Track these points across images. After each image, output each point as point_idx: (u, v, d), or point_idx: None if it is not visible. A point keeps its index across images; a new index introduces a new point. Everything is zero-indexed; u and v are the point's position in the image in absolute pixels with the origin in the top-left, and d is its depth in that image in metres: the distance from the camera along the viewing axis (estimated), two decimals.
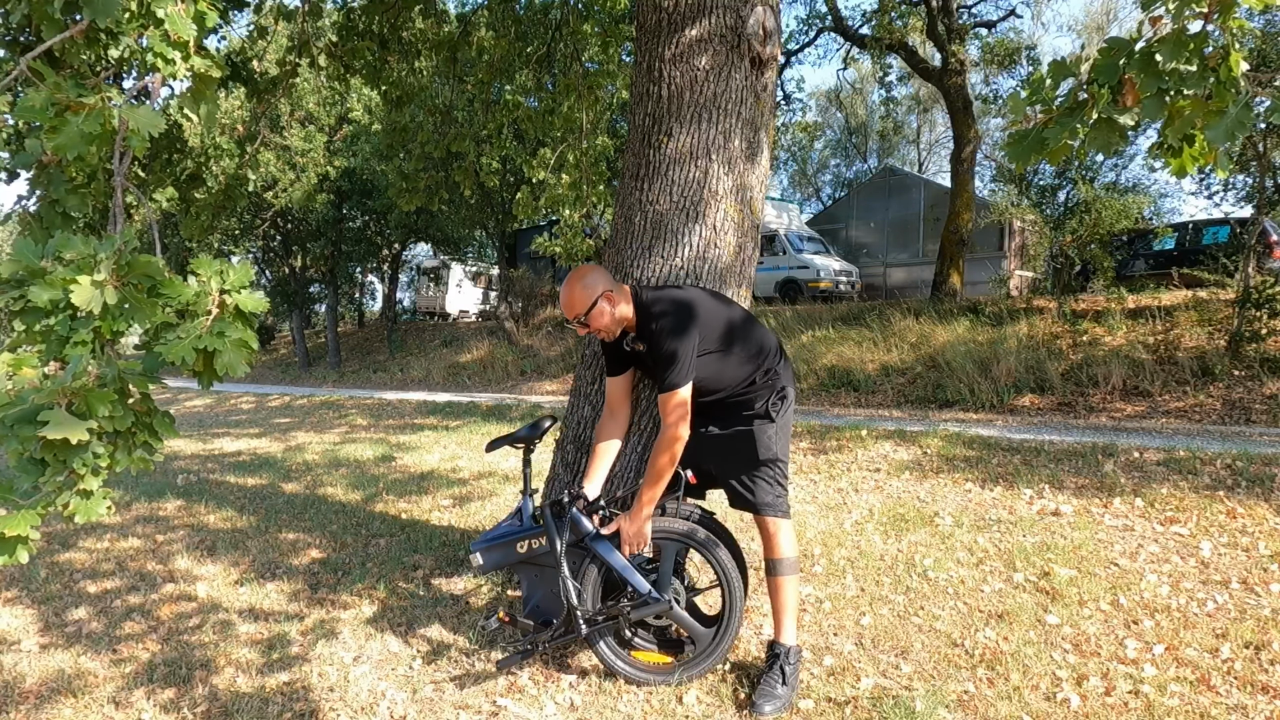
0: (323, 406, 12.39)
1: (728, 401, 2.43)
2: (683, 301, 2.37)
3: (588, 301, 2.32)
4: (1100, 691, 2.31)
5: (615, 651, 2.46)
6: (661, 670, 2.47)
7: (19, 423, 1.06)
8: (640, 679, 2.44)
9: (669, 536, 2.44)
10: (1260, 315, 7.69)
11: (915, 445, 5.74)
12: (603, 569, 2.45)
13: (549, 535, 2.42)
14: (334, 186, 18.44)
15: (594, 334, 2.41)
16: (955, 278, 12.13)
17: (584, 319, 2.34)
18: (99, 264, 1.12)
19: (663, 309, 2.33)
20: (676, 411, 2.25)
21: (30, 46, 2.61)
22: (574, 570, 2.43)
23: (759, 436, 2.38)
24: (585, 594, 2.43)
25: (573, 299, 2.34)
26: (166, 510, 5.03)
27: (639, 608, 2.38)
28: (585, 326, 2.37)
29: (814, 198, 33.10)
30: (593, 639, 2.43)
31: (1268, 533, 3.51)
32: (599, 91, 6.02)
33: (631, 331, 2.42)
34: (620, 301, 2.36)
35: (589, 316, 2.33)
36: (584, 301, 2.32)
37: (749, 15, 2.85)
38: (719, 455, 2.46)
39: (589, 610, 2.42)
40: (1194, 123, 1.49)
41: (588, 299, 2.32)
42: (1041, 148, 1.59)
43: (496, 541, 2.52)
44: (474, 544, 2.54)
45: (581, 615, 2.38)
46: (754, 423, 2.40)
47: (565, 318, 2.43)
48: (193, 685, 2.54)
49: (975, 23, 14.02)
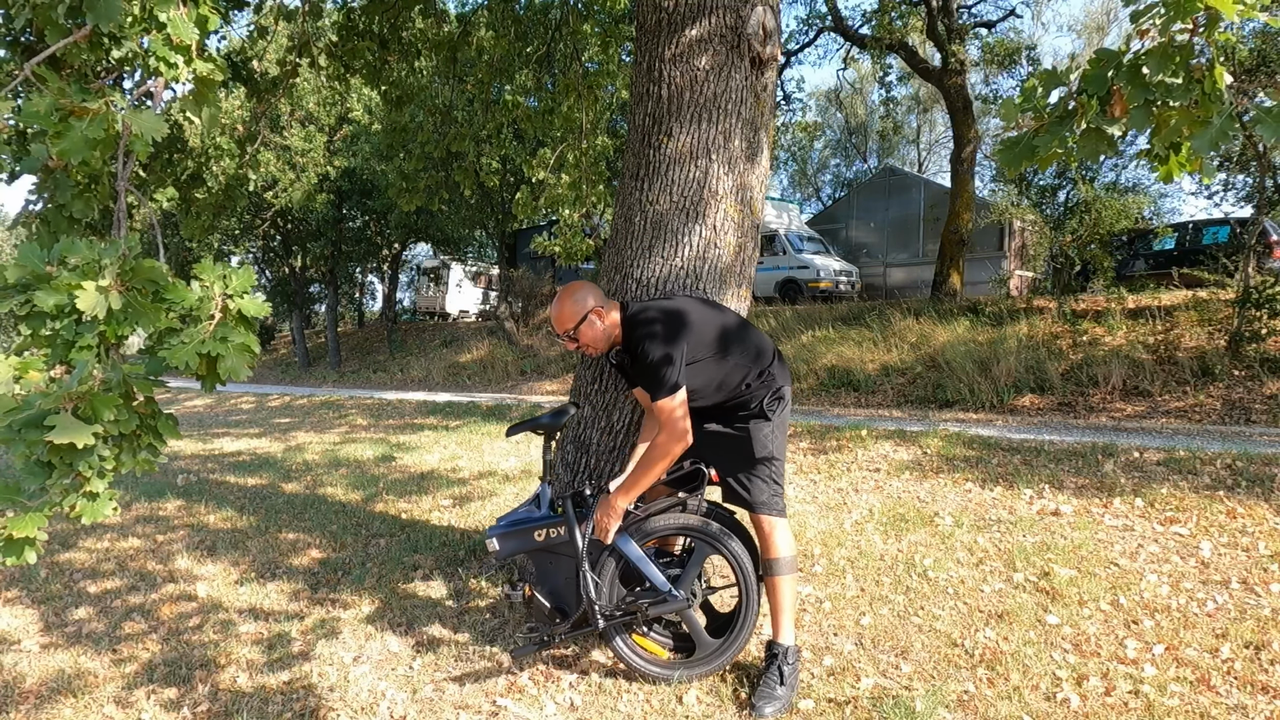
0: (323, 406, 12.39)
1: (725, 405, 2.43)
2: (668, 310, 2.38)
3: (577, 316, 2.37)
4: (1100, 691, 2.32)
5: (631, 647, 2.46)
6: (664, 664, 2.47)
7: (26, 427, 1.07)
8: (656, 675, 2.44)
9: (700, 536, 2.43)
10: (1260, 315, 7.69)
11: (915, 445, 5.75)
12: (620, 563, 2.45)
13: (569, 526, 2.41)
14: (334, 186, 18.44)
15: (582, 349, 2.45)
16: (955, 278, 12.14)
17: (573, 333, 2.39)
18: (103, 269, 1.13)
19: (647, 319, 2.35)
20: (672, 419, 2.25)
21: (31, 47, 2.62)
22: (593, 563, 2.42)
23: (755, 435, 2.39)
24: (603, 588, 2.43)
25: (562, 314, 2.39)
26: (167, 510, 5.03)
27: (657, 604, 2.38)
28: (574, 341, 2.42)
29: (814, 198, 33.12)
30: (609, 634, 2.43)
31: (1268, 533, 3.51)
32: (599, 91, 6.02)
33: (619, 345, 2.45)
34: (609, 317, 2.40)
35: (578, 331, 2.38)
36: (573, 316, 2.37)
37: (749, 15, 2.86)
38: (715, 453, 2.46)
39: (607, 605, 2.41)
40: (1180, 132, 1.51)
41: (577, 314, 2.37)
42: (1032, 155, 1.63)
43: (514, 528, 2.49)
44: (490, 529, 2.52)
45: (600, 610, 2.38)
46: (750, 422, 2.41)
47: (554, 332, 2.47)
48: (193, 685, 2.54)
49: (975, 23, 14.02)
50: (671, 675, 2.45)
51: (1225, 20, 1.41)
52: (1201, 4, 1.38)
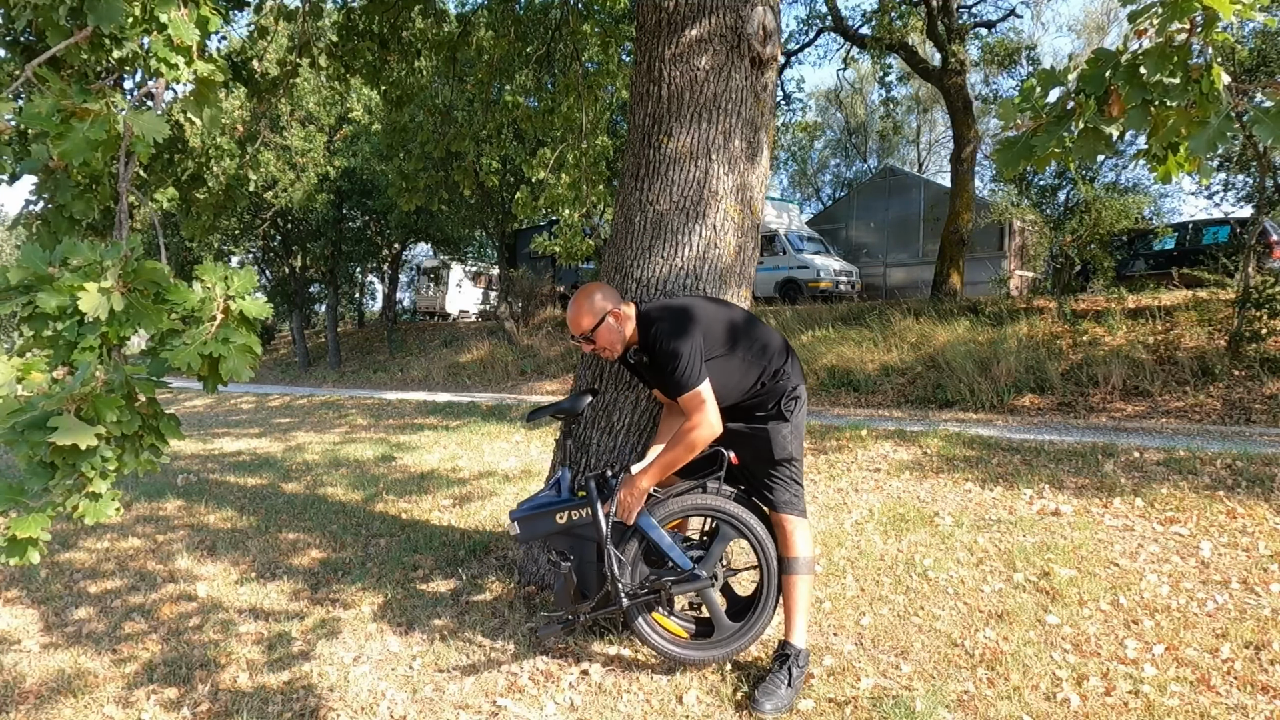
0: (323, 406, 12.40)
1: (741, 405, 2.43)
2: (679, 307, 2.39)
3: (595, 319, 2.35)
4: (1100, 691, 2.32)
5: (652, 626, 2.47)
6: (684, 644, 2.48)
7: (29, 428, 1.07)
8: (676, 655, 2.46)
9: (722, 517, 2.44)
10: (1260, 315, 7.69)
11: (915, 445, 5.75)
12: (643, 543, 2.46)
13: (592, 507, 2.41)
14: (334, 186, 18.44)
15: (597, 352, 2.43)
16: (955, 278, 12.14)
17: (590, 335, 2.37)
18: (105, 270, 1.13)
19: (660, 316, 2.36)
20: (699, 410, 2.24)
21: (32, 47, 2.62)
22: (615, 543, 2.42)
23: (774, 436, 2.40)
24: (626, 566, 2.44)
25: (580, 316, 2.36)
26: (167, 510, 5.03)
27: (681, 583, 2.39)
28: (591, 343, 2.40)
29: (814, 198, 33.12)
30: (632, 613, 2.44)
31: (1268, 533, 3.51)
32: (599, 91, 6.02)
33: (634, 345, 2.44)
34: (625, 318, 2.39)
35: (595, 333, 2.36)
36: (591, 319, 2.35)
37: (749, 15, 2.86)
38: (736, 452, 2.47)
39: (629, 583, 2.42)
40: (1178, 132, 1.51)
41: (595, 316, 2.35)
42: (1029, 155, 1.63)
43: (536, 511, 2.47)
44: (512, 513, 2.50)
45: (623, 588, 2.38)
46: (769, 423, 2.41)
47: (571, 335, 2.44)
48: (193, 685, 2.54)
49: (975, 23, 14.02)
50: (690, 655, 2.47)
51: (1223, 21, 1.41)
52: (1199, 4, 1.38)
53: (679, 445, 2.28)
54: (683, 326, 2.30)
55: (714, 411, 2.26)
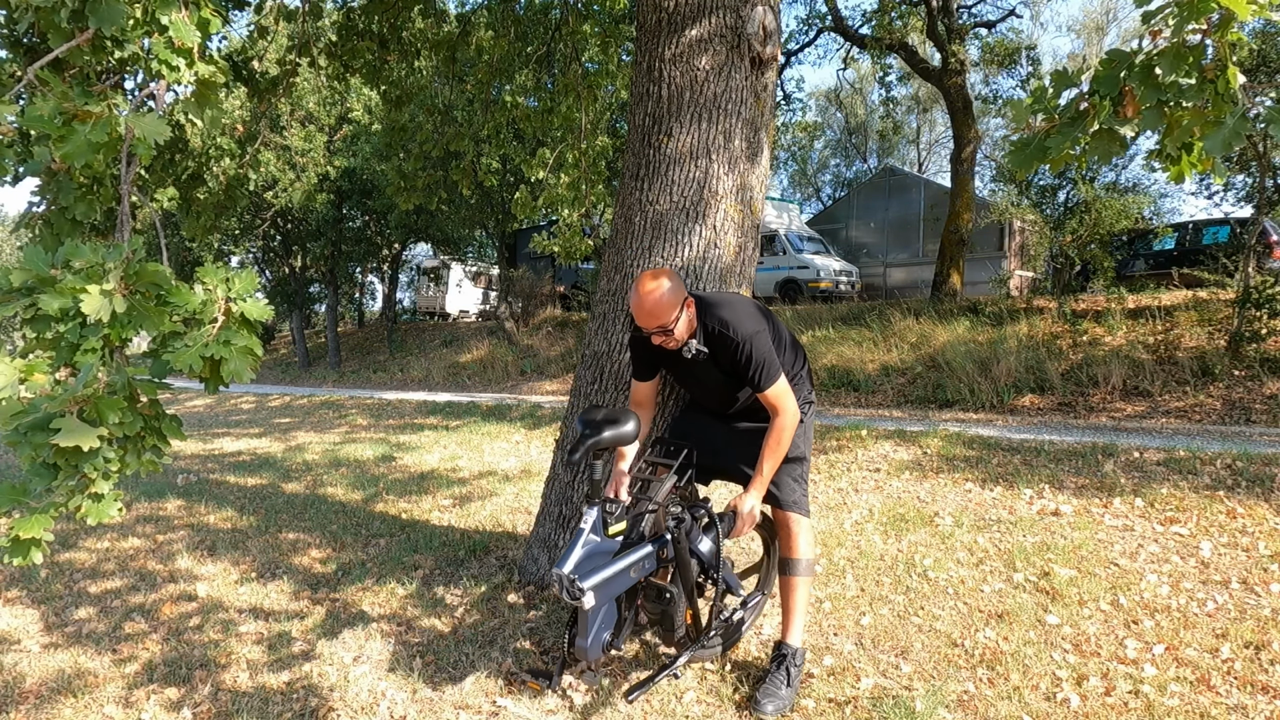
0: (323, 406, 12.40)
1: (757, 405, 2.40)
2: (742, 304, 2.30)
3: (674, 309, 2.12)
4: (1100, 691, 2.32)
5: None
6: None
7: (32, 429, 1.07)
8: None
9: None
10: (1260, 315, 7.70)
11: (915, 445, 5.75)
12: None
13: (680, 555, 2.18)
14: (334, 186, 18.43)
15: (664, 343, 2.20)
16: (955, 278, 12.14)
17: (670, 328, 2.13)
18: (107, 272, 1.14)
19: (727, 314, 2.21)
20: (785, 398, 2.22)
21: (34, 49, 2.62)
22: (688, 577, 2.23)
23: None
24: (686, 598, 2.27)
25: (660, 308, 2.10)
26: (167, 510, 5.04)
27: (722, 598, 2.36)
28: (666, 335, 2.15)
29: (814, 198, 33.11)
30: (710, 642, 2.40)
31: (1268, 533, 3.52)
32: (599, 91, 6.02)
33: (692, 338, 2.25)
34: (692, 306, 2.22)
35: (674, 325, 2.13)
36: (671, 309, 2.11)
37: (749, 15, 2.86)
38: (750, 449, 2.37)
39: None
40: (1192, 132, 1.51)
41: (675, 307, 2.12)
42: (1043, 156, 1.62)
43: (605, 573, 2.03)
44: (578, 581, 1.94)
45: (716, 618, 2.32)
46: None
47: (642, 328, 2.17)
48: (194, 685, 2.55)
49: (975, 23, 14.02)
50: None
51: (1239, 21, 1.40)
52: (1215, 4, 1.37)
53: (778, 446, 2.20)
54: (756, 320, 2.22)
55: (794, 399, 2.24)
